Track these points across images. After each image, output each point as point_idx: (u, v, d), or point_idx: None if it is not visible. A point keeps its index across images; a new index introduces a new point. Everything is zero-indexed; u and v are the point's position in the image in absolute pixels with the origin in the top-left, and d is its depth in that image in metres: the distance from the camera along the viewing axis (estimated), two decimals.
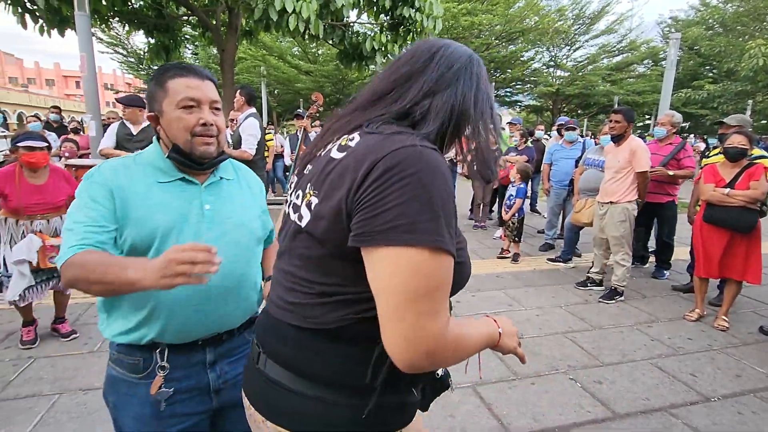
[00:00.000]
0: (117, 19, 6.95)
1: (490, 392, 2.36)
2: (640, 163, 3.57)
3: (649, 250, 4.82)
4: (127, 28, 7.47)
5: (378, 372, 0.70)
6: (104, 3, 6.00)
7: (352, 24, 6.99)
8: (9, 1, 5.41)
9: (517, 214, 4.67)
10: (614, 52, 21.38)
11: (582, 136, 6.09)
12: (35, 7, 5.47)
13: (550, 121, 22.88)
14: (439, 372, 0.84)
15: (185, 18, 7.77)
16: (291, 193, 0.81)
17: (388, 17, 6.51)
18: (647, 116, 21.28)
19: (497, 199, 6.65)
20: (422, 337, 0.60)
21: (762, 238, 3.21)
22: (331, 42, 7.07)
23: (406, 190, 0.60)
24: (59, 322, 2.82)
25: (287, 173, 7.77)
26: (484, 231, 6.30)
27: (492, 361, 2.68)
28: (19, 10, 5.55)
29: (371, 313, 0.65)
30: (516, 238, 4.76)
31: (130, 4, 6.32)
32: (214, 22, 7.33)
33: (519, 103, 24.58)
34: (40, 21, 5.74)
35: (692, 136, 18.77)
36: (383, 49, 6.38)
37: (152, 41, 7.68)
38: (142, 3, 6.77)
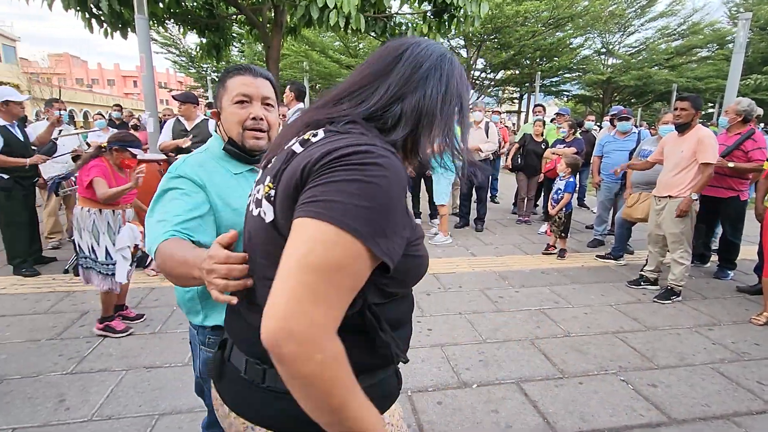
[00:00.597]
0: (172, 20, 7.32)
1: (534, 389, 2.32)
2: (705, 155, 3.32)
3: (712, 248, 4.49)
4: (181, 28, 7.85)
5: (376, 351, 0.71)
6: (161, 5, 6.33)
7: (394, 15, 6.96)
8: (78, 8, 5.84)
9: (564, 209, 4.50)
10: (674, 36, 19.88)
11: (636, 127, 5.75)
12: (100, 12, 5.88)
13: (599, 111, 21.76)
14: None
15: (234, 17, 8.05)
16: (253, 188, 0.78)
17: (431, 5, 6.42)
18: (710, 104, 19.68)
19: (542, 193, 6.44)
20: (294, 311, 0.53)
21: None
22: (372, 34, 7.08)
23: (347, 174, 0.58)
24: (122, 309, 3.02)
25: None
26: (528, 226, 6.13)
27: (536, 357, 2.62)
28: (87, 16, 5.98)
29: (350, 310, 0.61)
30: (563, 234, 4.59)
31: (183, 5, 6.62)
32: (261, 20, 7.55)
33: (566, 93, 23.50)
34: (104, 25, 6.16)
35: (762, 125, 17.15)
36: (426, 37, 6.33)
37: (203, 40, 8.03)
38: (195, 4, 7.07)
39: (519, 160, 6.05)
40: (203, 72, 21.12)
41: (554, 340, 2.86)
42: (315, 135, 0.68)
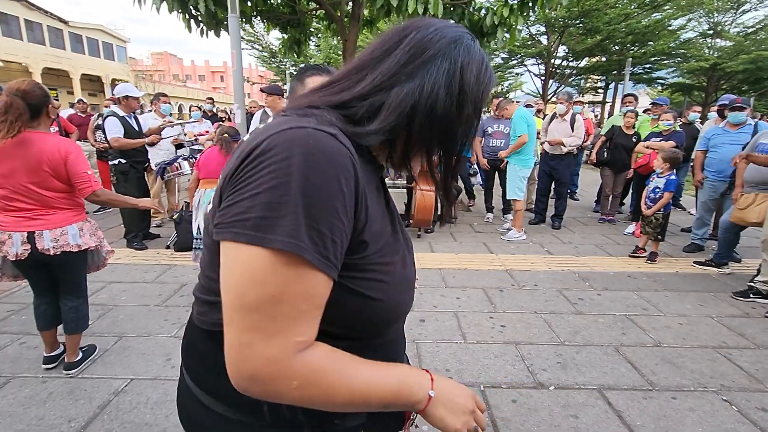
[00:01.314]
0: (258, 17, 7.80)
1: (619, 398, 2.16)
2: None
3: None
4: (265, 25, 8.32)
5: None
6: (249, 4, 6.77)
7: (473, 0, 6.76)
8: (180, 10, 6.44)
9: (662, 209, 4.09)
10: None
11: (752, 118, 5.04)
12: (198, 12, 6.43)
13: (701, 101, 19.40)
14: (337, 421, 0.67)
15: (314, 12, 8.36)
16: None
17: None
18: None
19: (630, 191, 5.92)
20: (247, 356, 0.50)
21: None
22: (450, 22, 6.93)
23: (270, 177, 0.49)
24: None
25: None
26: (612, 225, 5.68)
27: (621, 365, 2.44)
28: (186, 17, 6.58)
29: None
30: (658, 236, 4.18)
31: (269, 2, 7.02)
32: (339, 14, 7.76)
33: (660, 81, 21.20)
34: (201, 24, 6.73)
35: None
36: (505, 23, 6.05)
37: (285, 36, 8.46)
38: (279, 0, 7.46)
39: (605, 154, 5.62)
40: (283, 66, 22.24)
41: (642, 349, 2.64)
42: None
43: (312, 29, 11.82)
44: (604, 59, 18.65)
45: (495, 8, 6.07)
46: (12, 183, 1.98)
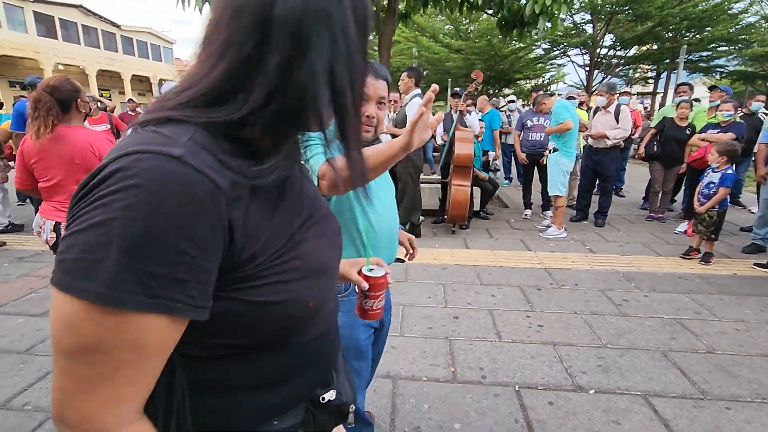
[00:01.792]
0: None
1: (666, 406, 2.04)
2: None
3: None
4: None
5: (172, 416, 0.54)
6: None
7: None
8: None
9: (717, 206, 3.80)
10: None
11: None
12: None
13: (766, 90, 17.89)
14: (326, 396, 0.68)
15: None
16: None
17: None
18: None
19: (682, 187, 5.55)
20: (64, 403, 0.45)
21: None
22: (489, 12, 6.76)
23: (91, 215, 0.43)
24: None
25: (435, 153, 7.90)
26: (662, 224, 5.35)
27: (669, 372, 2.30)
28: None
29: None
30: (712, 236, 3.89)
31: None
32: (374, 9, 7.74)
33: (719, 70, 19.69)
34: None
35: None
36: (546, 11, 5.80)
37: None
38: None
39: (655, 147, 5.28)
40: None
41: (694, 356, 2.47)
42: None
43: None
44: (655, 47, 17.54)
45: None
46: (52, 176, 2.11)
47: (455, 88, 5.79)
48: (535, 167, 5.62)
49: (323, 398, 0.68)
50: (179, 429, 0.54)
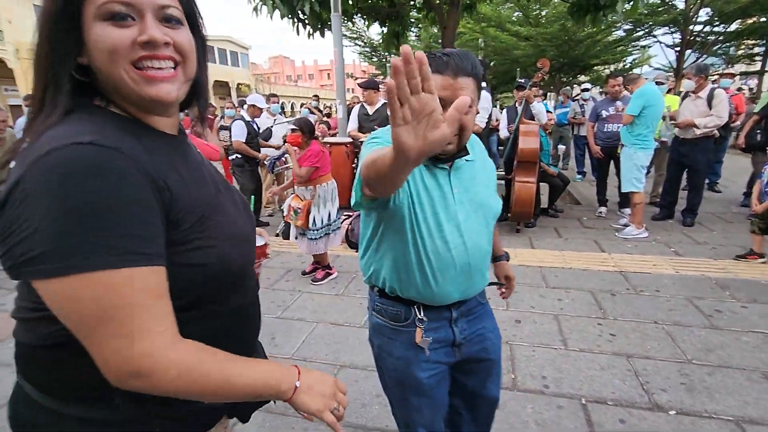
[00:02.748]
0: (359, 14, 8.04)
1: None
2: None
3: None
4: (365, 21, 8.55)
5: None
6: (350, 2, 7.01)
7: None
8: (289, 15, 6.96)
9: None
10: None
11: None
12: (305, 16, 6.88)
13: None
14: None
15: (412, 2, 8.33)
16: None
17: None
18: None
19: None
20: (120, 362, 0.54)
21: None
22: None
23: (36, 210, 0.50)
24: (329, 268, 3.60)
25: (501, 147, 7.59)
26: None
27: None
28: (295, 21, 7.08)
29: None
30: None
31: None
32: (437, 2, 7.60)
33: None
34: (307, 27, 7.18)
35: None
36: None
37: (385, 30, 8.59)
38: None
39: (758, 136, 4.61)
40: (384, 60, 22.69)
41: None
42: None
43: (412, 20, 11.85)
44: (763, 19, 15.23)
45: None
46: None
47: (519, 80, 5.51)
48: (611, 160, 5.17)
49: None
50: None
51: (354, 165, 5.01)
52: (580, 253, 3.99)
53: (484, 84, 4.08)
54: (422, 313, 1.13)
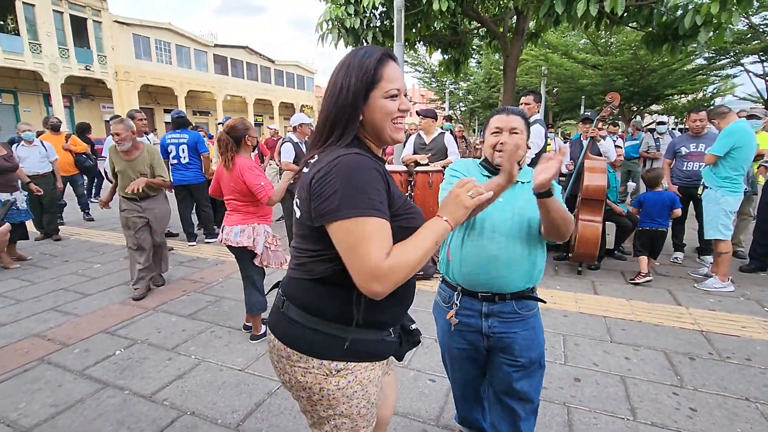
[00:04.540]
0: (421, 42, 8.15)
1: None
2: None
3: None
4: (427, 48, 8.64)
5: (359, 309, 1.02)
6: (413, 31, 7.12)
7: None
8: (354, 44, 7.20)
9: None
10: None
11: None
12: (368, 44, 7.09)
13: None
14: (413, 326, 1.20)
15: (475, 30, 8.30)
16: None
17: None
18: None
19: None
20: (367, 267, 0.88)
21: None
22: (633, 25, 6.00)
23: (333, 184, 0.92)
24: None
25: (562, 178, 7.20)
26: None
27: None
28: None
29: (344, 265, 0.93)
30: None
31: (432, 28, 7.25)
32: (501, 30, 7.51)
33: None
34: None
35: None
36: (711, 21, 4.85)
37: (446, 57, 8.62)
38: (442, 25, 7.65)
39: None
40: (443, 86, 22.82)
41: None
42: (313, 158, 1.03)
43: (474, 47, 11.82)
44: None
45: (699, 4, 4.94)
46: (228, 193, 2.85)
47: (586, 112, 5.21)
48: (691, 201, 4.69)
49: (411, 327, 1.20)
50: (358, 312, 1.03)
51: (408, 195, 4.95)
52: (651, 304, 3.58)
53: (539, 117, 3.93)
54: (459, 299, 1.56)
